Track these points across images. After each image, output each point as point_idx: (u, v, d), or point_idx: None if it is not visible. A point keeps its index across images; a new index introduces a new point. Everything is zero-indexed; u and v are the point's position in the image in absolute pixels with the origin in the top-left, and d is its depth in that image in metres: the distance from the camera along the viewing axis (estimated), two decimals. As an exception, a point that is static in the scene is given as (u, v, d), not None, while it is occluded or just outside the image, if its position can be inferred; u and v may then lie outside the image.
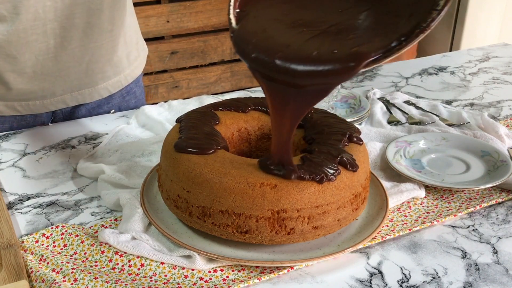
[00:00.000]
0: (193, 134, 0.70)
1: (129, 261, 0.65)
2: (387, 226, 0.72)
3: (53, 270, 0.63)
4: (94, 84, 1.06)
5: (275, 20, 0.56)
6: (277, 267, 0.64)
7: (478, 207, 0.76)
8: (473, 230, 0.72)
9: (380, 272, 0.65)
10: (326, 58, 0.49)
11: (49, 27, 0.93)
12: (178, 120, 0.76)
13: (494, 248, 0.69)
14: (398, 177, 0.82)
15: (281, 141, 0.60)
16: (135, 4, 2.61)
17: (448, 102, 1.12)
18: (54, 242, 0.68)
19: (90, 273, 0.62)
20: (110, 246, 0.66)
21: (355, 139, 0.71)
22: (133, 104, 1.16)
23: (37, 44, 0.94)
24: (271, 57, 0.52)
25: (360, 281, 0.63)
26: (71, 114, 1.08)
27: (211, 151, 0.67)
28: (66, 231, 0.69)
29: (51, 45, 0.95)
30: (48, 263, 0.64)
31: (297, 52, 0.51)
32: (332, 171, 0.64)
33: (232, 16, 0.58)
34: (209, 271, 0.64)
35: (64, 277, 0.62)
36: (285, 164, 0.61)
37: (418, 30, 0.49)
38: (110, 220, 0.73)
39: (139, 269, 0.64)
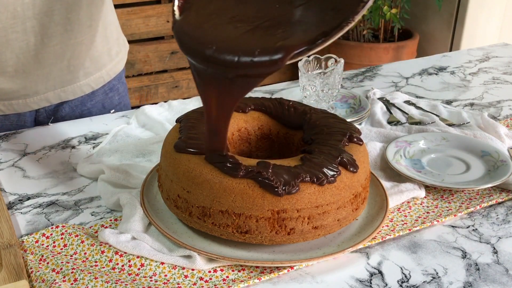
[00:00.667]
0: (193, 134, 0.70)
1: (129, 261, 0.65)
2: (387, 226, 0.72)
3: (53, 270, 0.63)
4: (76, 80, 1.05)
5: (215, 14, 0.59)
6: (277, 267, 0.64)
7: (478, 207, 0.76)
8: (473, 230, 0.72)
9: (380, 272, 0.65)
10: (254, 51, 0.53)
11: (29, 25, 0.93)
12: (178, 120, 0.76)
13: (494, 248, 0.69)
14: (398, 177, 0.82)
15: (214, 136, 0.64)
16: (135, 4, 2.62)
17: (448, 102, 1.12)
18: (54, 242, 0.68)
19: (90, 273, 0.62)
20: (110, 246, 0.66)
21: (355, 139, 0.71)
22: (116, 101, 1.15)
23: (17, 42, 0.93)
24: (204, 48, 0.55)
25: (360, 281, 0.63)
26: (54, 112, 1.08)
27: None
28: (66, 231, 0.69)
29: (31, 43, 0.95)
30: (48, 263, 0.64)
31: (229, 45, 0.54)
32: (332, 173, 0.64)
33: (176, 8, 0.61)
34: (209, 271, 0.64)
35: (64, 277, 0.62)
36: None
37: (344, 24, 0.52)
38: (110, 220, 0.73)
39: (139, 269, 0.64)
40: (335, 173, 0.65)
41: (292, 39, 0.53)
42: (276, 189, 0.61)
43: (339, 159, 0.66)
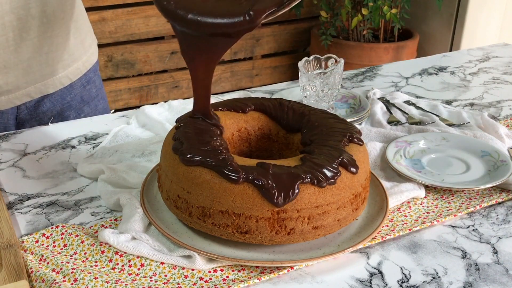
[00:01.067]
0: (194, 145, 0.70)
1: (129, 261, 0.65)
2: (387, 226, 0.72)
3: (53, 270, 0.63)
4: (55, 73, 1.07)
5: None
6: (277, 267, 0.64)
7: (478, 207, 0.76)
8: (473, 230, 0.72)
9: (380, 272, 0.65)
10: (234, 13, 0.64)
11: (7, 20, 0.93)
12: (178, 120, 0.76)
13: (494, 248, 0.69)
14: (398, 177, 0.82)
15: (199, 90, 0.72)
16: (135, 4, 2.62)
17: (448, 102, 1.12)
18: (54, 242, 0.68)
19: (90, 273, 0.62)
20: (110, 246, 0.66)
21: (355, 139, 0.71)
22: (94, 93, 1.17)
23: None
24: (188, 14, 0.65)
25: (360, 281, 0.63)
26: (35, 108, 1.08)
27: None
28: (66, 231, 0.69)
29: (10, 38, 0.96)
30: (48, 263, 0.64)
31: (211, 10, 0.65)
32: (332, 174, 0.64)
33: None
34: (209, 271, 0.64)
35: (64, 277, 0.62)
36: (205, 116, 0.73)
37: None
38: (110, 220, 0.73)
39: (139, 269, 0.64)
40: (335, 174, 0.65)
41: (263, 3, 0.63)
42: (275, 201, 0.61)
43: (339, 159, 0.66)
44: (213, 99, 1.08)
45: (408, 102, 1.09)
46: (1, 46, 0.95)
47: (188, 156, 0.66)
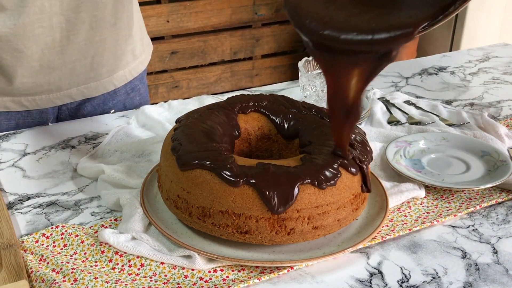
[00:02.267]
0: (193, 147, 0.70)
1: (129, 261, 0.65)
2: (387, 226, 0.72)
3: (53, 270, 0.63)
4: (99, 78, 1.07)
5: None
6: (277, 267, 0.64)
7: (478, 207, 0.76)
8: (473, 230, 0.72)
9: (380, 272, 0.65)
10: (387, 27, 0.54)
11: (55, 21, 0.94)
12: (178, 120, 0.76)
13: (494, 248, 0.69)
14: (398, 177, 0.82)
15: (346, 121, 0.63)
16: (135, 4, 2.61)
17: (448, 102, 1.12)
18: (54, 242, 0.68)
19: (90, 273, 0.62)
20: (110, 246, 0.66)
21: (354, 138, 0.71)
22: (137, 101, 1.17)
23: (43, 37, 0.94)
24: (339, 32, 0.56)
25: (360, 281, 0.63)
26: (76, 110, 1.09)
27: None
28: (66, 231, 0.69)
29: (57, 39, 0.96)
30: (48, 263, 0.64)
31: (361, 26, 0.55)
32: (333, 175, 0.64)
33: None
34: (209, 271, 0.64)
35: (64, 277, 0.62)
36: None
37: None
38: (110, 220, 0.73)
39: (139, 269, 0.64)
40: (335, 175, 0.65)
41: (416, 16, 0.54)
42: (275, 210, 0.62)
43: (340, 160, 0.66)
44: (213, 99, 1.08)
45: (408, 102, 1.09)
46: (46, 46, 0.95)
47: (184, 159, 0.66)
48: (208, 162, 0.64)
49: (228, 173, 0.62)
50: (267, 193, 0.61)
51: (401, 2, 0.55)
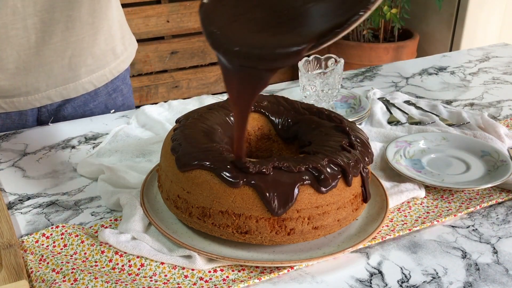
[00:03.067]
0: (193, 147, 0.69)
1: (129, 261, 0.65)
2: (387, 226, 0.72)
3: (53, 270, 0.63)
4: (78, 78, 1.05)
5: (240, 10, 0.60)
6: (277, 267, 0.64)
7: (478, 207, 0.76)
8: (473, 230, 0.72)
9: (380, 272, 0.65)
10: (276, 45, 0.55)
11: (30, 22, 0.93)
12: (178, 121, 0.76)
13: (494, 248, 0.69)
14: (398, 177, 0.82)
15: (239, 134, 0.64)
16: (135, 4, 2.62)
17: (448, 102, 1.12)
18: (54, 242, 0.68)
19: (90, 273, 0.62)
20: (110, 246, 0.66)
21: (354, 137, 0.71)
22: (120, 102, 1.15)
23: (18, 39, 0.93)
24: (231, 45, 0.57)
25: (360, 281, 0.63)
26: (56, 112, 1.07)
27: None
28: (66, 231, 0.69)
29: (32, 40, 0.95)
30: (48, 263, 0.64)
31: (253, 41, 0.56)
32: (332, 176, 0.64)
33: None
34: (209, 271, 0.64)
35: (64, 277, 0.62)
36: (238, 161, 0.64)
37: (353, 20, 0.53)
38: (110, 220, 0.73)
39: (139, 269, 0.64)
40: (335, 176, 0.64)
41: (305, 34, 0.54)
42: (275, 211, 0.62)
43: (340, 161, 0.66)
44: (213, 99, 1.08)
45: (408, 102, 1.09)
46: (22, 48, 0.94)
47: (184, 161, 0.66)
48: (207, 163, 0.64)
49: (228, 174, 0.62)
50: (267, 194, 0.61)
51: (299, 20, 0.56)
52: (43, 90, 1.02)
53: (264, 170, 0.62)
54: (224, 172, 0.63)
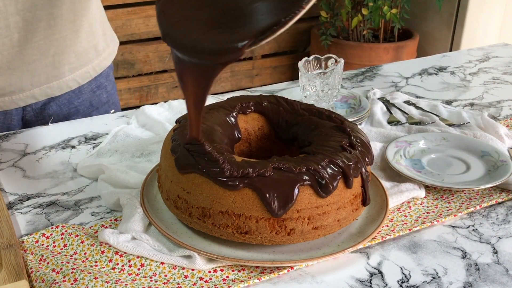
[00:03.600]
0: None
1: (129, 261, 0.65)
2: (387, 226, 0.72)
3: (53, 270, 0.63)
4: (62, 76, 1.05)
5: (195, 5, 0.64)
6: (277, 267, 0.64)
7: (478, 207, 0.76)
8: (473, 230, 0.72)
9: (380, 272, 0.65)
10: (220, 42, 0.59)
11: (12, 21, 0.93)
12: (178, 121, 0.76)
13: (494, 248, 0.69)
14: (398, 177, 0.82)
15: (191, 121, 0.66)
16: (135, 4, 2.62)
17: (448, 102, 1.12)
18: (54, 242, 0.68)
19: (90, 273, 0.62)
20: (110, 246, 0.66)
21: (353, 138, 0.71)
22: (104, 99, 1.15)
23: (1, 38, 0.93)
24: (183, 40, 0.61)
25: (360, 281, 0.63)
26: (41, 110, 1.07)
27: None
28: (66, 231, 0.69)
29: (15, 39, 0.95)
30: (48, 263, 0.64)
31: (201, 39, 0.61)
32: (333, 179, 0.64)
33: None
34: (209, 271, 0.64)
35: (64, 277, 0.62)
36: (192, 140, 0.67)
37: (288, 18, 0.56)
38: (110, 220, 0.73)
39: (139, 269, 0.64)
40: (336, 176, 0.64)
41: (246, 31, 0.59)
42: (275, 212, 0.62)
43: (341, 163, 0.66)
44: (213, 99, 1.08)
45: (408, 102, 1.09)
46: (4, 47, 0.94)
47: (183, 163, 0.66)
48: (204, 170, 0.64)
49: (227, 179, 0.62)
50: (268, 196, 0.61)
51: (243, 20, 0.60)
52: (28, 89, 1.02)
53: (264, 172, 0.62)
54: (223, 178, 0.62)
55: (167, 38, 0.62)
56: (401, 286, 0.63)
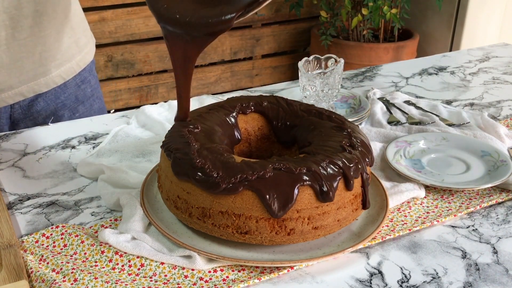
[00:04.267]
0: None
1: (129, 261, 0.65)
2: (387, 226, 0.72)
3: (53, 270, 0.63)
4: (48, 72, 1.06)
5: None
6: (277, 267, 0.64)
7: (478, 207, 0.76)
8: (473, 230, 0.72)
9: (380, 272, 0.65)
10: (212, 15, 0.66)
11: None
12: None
13: (494, 248, 0.69)
14: (398, 177, 0.82)
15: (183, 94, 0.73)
16: (135, 4, 2.62)
17: (448, 102, 1.12)
18: (54, 242, 0.68)
19: (90, 273, 0.62)
20: (110, 246, 0.66)
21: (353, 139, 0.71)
22: (89, 93, 1.17)
23: None
24: (174, 15, 0.68)
25: (360, 281, 0.63)
26: (29, 107, 1.08)
27: None
28: (66, 231, 0.69)
29: (2, 37, 0.96)
30: (48, 263, 0.64)
31: (191, 12, 0.68)
32: (333, 184, 0.64)
33: None
34: (209, 271, 0.64)
35: (64, 277, 0.62)
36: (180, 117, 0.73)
37: None
38: (110, 220, 0.73)
39: (139, 269, 0.64)
40: (336, 176, 0.64)
41: (235, 4, 0.66)
42: (276, 214, 0.62)
43: (342, 164, 0.66)
44: (213, 99, 1.08)
45: (408, 102, 1.09)
46: None
47: (177, 170, 0.66)
48: (199, 184, 0.64)
49: (225, 185, 0.62)
50: (268, 197, 0.61)
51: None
52: (16, 87, 1.03)
53: (263, 174, 0.62)
54: (219, 190, 0.62)
55: (162, 18, 0.68)
56: (401, 286, 0.63)
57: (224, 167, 0.63)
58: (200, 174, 0.63)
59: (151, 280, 0.63)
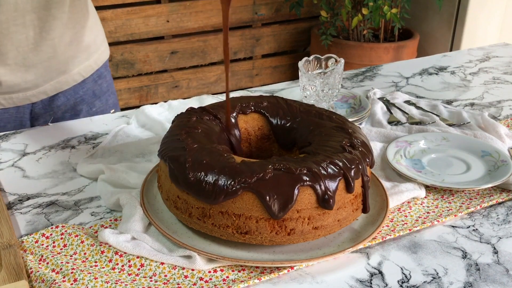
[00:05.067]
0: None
1: (129, 261, 0.65)
2: (387, 226, 0.72)
3: (53, 270, 0.63)
4: (69, 70, 1.09)
5: None
6: (277, 267, 0.64)
7: (478, 207, 0.76)
8: (474, 230, 0.72)
9: (380, 272, 0.65)
10: None
11: (28, 18, 0.95)
12: (173, 121, 0.76)
13: (495, 248, 0.69)
14: (398, 177, 0.82)
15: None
16: (135, 4, 2.62)
17: (449, 102, 1.12)
18: (54, 242, 0.68)
19: (90, 273, 0.62)
20: (110, 246, 0.66)
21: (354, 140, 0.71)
22: (105, 88, 1.19)
23: (18, 35, 0.95)
24: None
25: (360, 281, 0.63)
26: (50, 102, 1.10)
27: None
28: (66, 231, 0.69)
29: (30, 36, 0.97)
30: (48, 263, 0.64)
31: None
32: (333, 182, 0.64)
33: None
34: (209, 271, 0.64)
35: (64, 277, 0.62)
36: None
37: None
38: (110, 220, 0.73)
39: (139, 269, 0.64)
40: (336, 177, 0.64)
41: None
42: (276, 214, 0.62)
43: (342, 164, 0.66)
44: (213, 99, 1.08)
45: (408, 102, 1.09)
46: (20, 43, 0.97)
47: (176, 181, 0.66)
48: (199, 198, 0.64)
49: (226, 188, 0.62)
50: (268, 198, 0.61)
51: None
52: (41, 85, 1.05)
53: (263, 175, 0.62)
54: (218, 200, 0.62)
55: None
56: (401, 286, 0.62)
57: (223, 170, 0.63)
58: (196, 188, 0.63)
59: (151, 280, 0.63)
